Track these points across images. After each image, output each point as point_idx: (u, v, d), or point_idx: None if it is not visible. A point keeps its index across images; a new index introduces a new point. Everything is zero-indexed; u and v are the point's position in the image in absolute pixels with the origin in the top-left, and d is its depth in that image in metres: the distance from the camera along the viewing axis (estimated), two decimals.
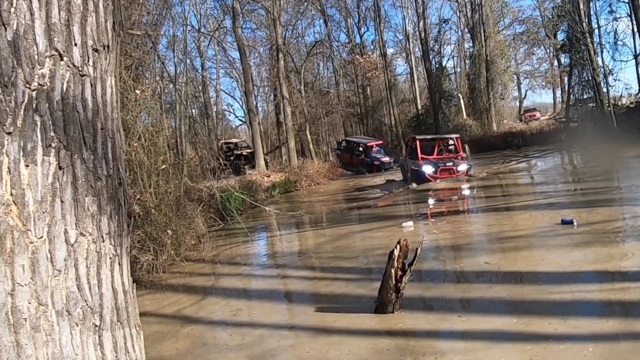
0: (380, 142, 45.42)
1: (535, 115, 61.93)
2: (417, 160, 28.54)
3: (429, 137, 33.28)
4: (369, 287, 9.51)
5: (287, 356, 7.76)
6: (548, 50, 64.84)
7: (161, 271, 14.03)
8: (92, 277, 2.81)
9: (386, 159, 41.19)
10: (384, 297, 8.60)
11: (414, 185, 27.44)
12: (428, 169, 27.77)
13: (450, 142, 31.08)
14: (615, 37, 42.17)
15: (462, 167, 28.25)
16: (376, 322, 8.43)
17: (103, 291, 2.90)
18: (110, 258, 2.91)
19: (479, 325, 7.79)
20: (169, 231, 15.20)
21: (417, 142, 29.64)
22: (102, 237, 2.82)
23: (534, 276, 9.98)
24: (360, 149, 41.86)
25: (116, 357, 3.12)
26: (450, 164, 28.20)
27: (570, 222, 12.84)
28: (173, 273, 14.18)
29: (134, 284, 3.16)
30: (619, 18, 43.32)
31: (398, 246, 8.46)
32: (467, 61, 57.69)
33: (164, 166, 17.23)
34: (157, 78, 26.24)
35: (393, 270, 8.38)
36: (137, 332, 3.37)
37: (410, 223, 16.38)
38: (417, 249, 8.72)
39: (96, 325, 2.93)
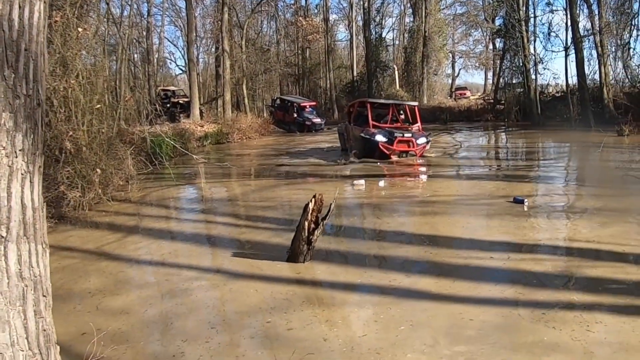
0: (314, 103, 45.49)
1: (465, 94, 62.89)
2: (367, 127, 23.53)
3: (382, 101, 28.80)
4: (286, 237, 9.65)
5: (201, 295, 7.88)
6: (485, 34, 65.60)
7: (87, 209, 13.86)
8: (2, 189, 2.83)
9: (318, 120, 41.59)
10: (296, 248, 8.81)
11: (352, 158, 22.85)
12: (381, 138, 22.58)
13: (407, 110, 26.65)
14: (549, 28, 42.95)
15: (422, 140, 23.37)
16: (287, 271, 8.64)
17: (12, 204, 2.92)
18: (22, 174, 2.93)
19: (386, 281, 8.04)
20: (99, 170, 15.02)
21: (368, 105, 24.62)
22: (16, 152, 2.83)
23: (448, 240, 10.38)
24: (294, 108, 41.85)
25: (19, 269, 3.15)
26: (409, 135, 23.12)
27: (522, 202, 12.76)
28: (99, 211, 14.05)
29: (45, 204, 3.18)
30: (555, 10, 44.32)
31: (313, 200, 8.62)
32: (406, 35, 58.05)
33: (98, 105, 17.00)
34: (102, 18, 25.78)
35: (306, 223, 8.56)
36: (43, 250, 3.40)
37: (362, 182, 16.61)
38: (330, 204, 8.95)
39: (2, 237, 2.96)
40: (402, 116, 26.52)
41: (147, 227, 12.70)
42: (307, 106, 42.64)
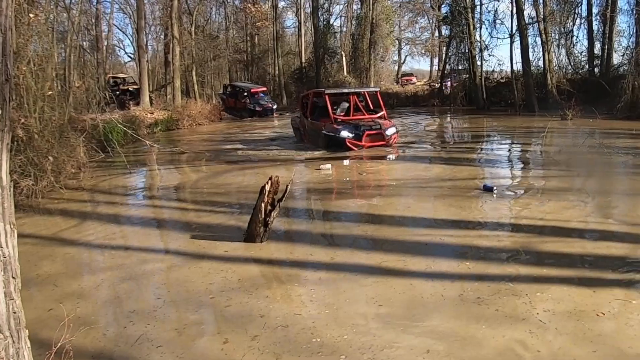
0: (264, 89, 45.32)
1: (411, 80, 63.20)
2: (329, 121, 20.97)
3: (340, 90, 26.24)
4: (242, 219, 9.81)
5: (160, 278, 8.02)
6: (431, 21, 65.98)
7: (40, 197, 13.74)
8: None
9: (269, 105, 41.42)
10: (253, 229, 8.96)
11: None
12: (347, 134, 20.18)
13: (367, 97, 24.08)
14: (494, 16, 43.64)
15: (392, 130, 21.07)
16: (244, 251, 8.80)
17: None
18: None
19: (340, 258, 8.32)
20: (51, 158, 14.90)
21: (326, 97, 21.94)
22: None
23: (400, 219, 10.72)
24: (245, 94, 41.58)
25: None
26: (377, 127, 20.70)
27: (491, 189, 12.45)
28: (52, 199, 13.90)
29: (12, 183, 3.18)
30: None
31: (269, 182, 8.75)
32: (354, 22, 57.92)
33: (50, 92, 16.84)
34: (52, 5, 25.40)
35: (263, 205, 8.72)
36: (12, 230, 3.40)
37: (329, 165, 16.52)
38: (287, 185, 9.13)
39: None
40: (363, 103, 23.59)
41: (101, 213, 12.69)
42: (259, 92, 42.57)
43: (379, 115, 22.22)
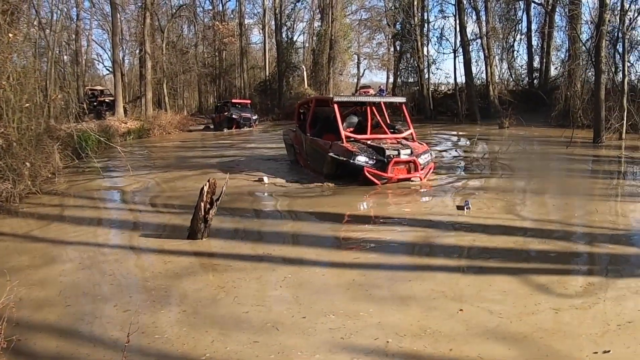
0: (247, 101, 45.90)
1: (368, 92, 63.60)
2: (339, 139, 14.94)
3: (355, 99, 18.95)
4: (188, 219, 10.27)
5: (114, 266, 8.64)
6: (386, 37, 66.86)
7: (18, 200, 14.02)
8: None
9: (247, 115, 40.82)
10: (195, 226, 9.65)
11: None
12: (365, 160, 14.18)
13: (384, 109, 17.21)
14: (441, 33, 44.93)
15: (425, 157, 14.89)
16: (187, 246, 9.47)
17: None
18: None
19: (266, 251, 9.13)
20: (28, 163, 15.26)
21: (336, 107, 15.64)
22: None
23: (340, 217, 11.60)
24: (226, 106, 41.36)
25: None
26: (408, 152, 14.47)
27: (463, 208, 11.34)
28: (29, 202, 14.23)
29: None
30: (447, 17, 46.39)
31: (207, 184, 9.47)
32: (314, 38, 58.67)
33: (27, 104, 17.28)
34: (33, 24, 25.80)
35: (202, 204, 9.41)
36: None
37: (265, 179, 16.10)
38: (222, 186, 9.90)
39: None
40: (379, 117, 16.98)
41: (71, 215, 13.17)
42: (239, 103, 43.16)
43: (405, 134, 15.99)
